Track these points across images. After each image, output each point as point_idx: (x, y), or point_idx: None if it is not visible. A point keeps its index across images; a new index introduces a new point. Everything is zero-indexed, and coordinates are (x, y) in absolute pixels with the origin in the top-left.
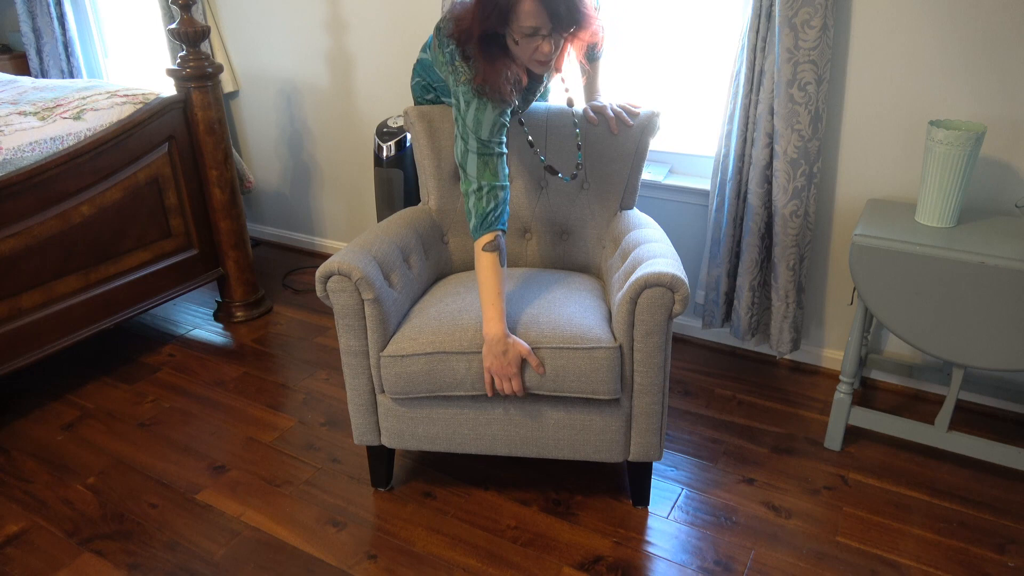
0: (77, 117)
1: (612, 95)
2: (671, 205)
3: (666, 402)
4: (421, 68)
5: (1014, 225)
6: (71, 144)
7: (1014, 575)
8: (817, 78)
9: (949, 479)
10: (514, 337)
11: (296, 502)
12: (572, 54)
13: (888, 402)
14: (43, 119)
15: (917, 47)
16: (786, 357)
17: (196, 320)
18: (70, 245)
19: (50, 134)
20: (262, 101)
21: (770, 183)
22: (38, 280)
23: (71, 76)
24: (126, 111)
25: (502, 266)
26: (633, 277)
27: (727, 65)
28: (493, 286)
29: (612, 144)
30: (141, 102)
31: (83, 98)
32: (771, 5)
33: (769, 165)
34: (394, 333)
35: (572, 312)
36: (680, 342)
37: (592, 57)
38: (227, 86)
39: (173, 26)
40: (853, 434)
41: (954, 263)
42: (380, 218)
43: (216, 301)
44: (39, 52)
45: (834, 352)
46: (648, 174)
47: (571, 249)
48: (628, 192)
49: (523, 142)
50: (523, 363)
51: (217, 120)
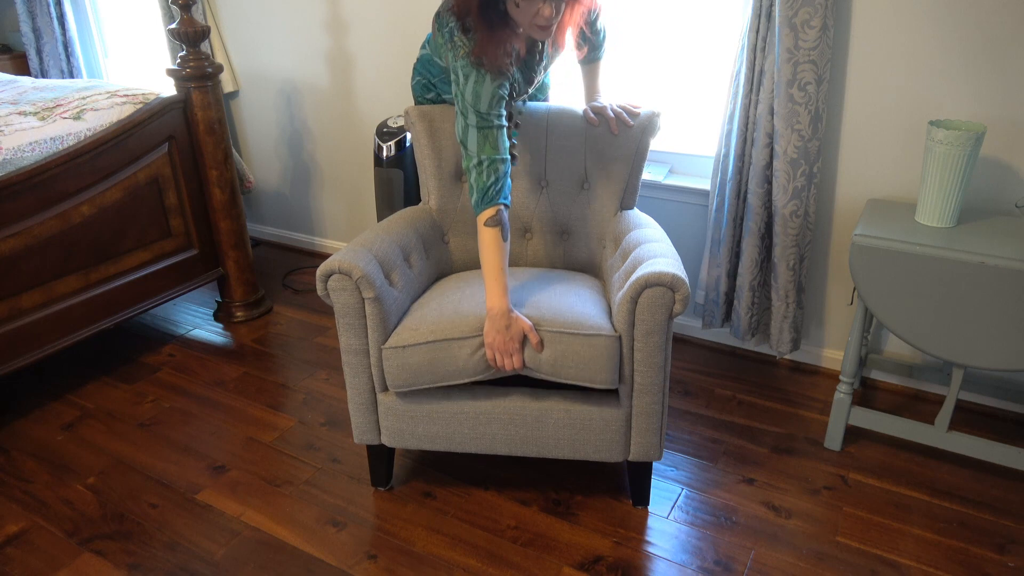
0: (77, 117)
1: (612, 96)
2: (671, 205)
3: (666, 402)
4: (421, 66)
5: (1014, 225)
6: (71, 144)
7: (1014, 575)
8: (817, 78)
9: (949, 479)
10: (517, 312)
11: (296, 502)
12: (570, 51)
13: (888, 402)
14: (43, 119)
15: (917, 47)
16: (786, 357)
17: (196, 320)
18: (70, 245)
19: (50, 134)
20: (262, 101)
21: (770, 183)
22: (38, 280)
23: (71, 76)
24: (126, 111)
25: (504, 241)
26: (633, 277)
27: (727, 65)
28: (496, 261)
29: (612, 144)
30: (141, 102)
31: (83, 98)
32: (771, 5)
33: (769, 165)
34: (394, 329)
35: (573, 302)
36: (680, 342)
37: (594, 57)
38: (227, 86)
39: (173, 26)
40: (853, 434)
41: (954, 263)
42: (380, 218)
43: (216, 301)
44: (39, 52)
45: (834, 352)
46: (648, 174)
47: (571, 249)
48: (628, 192)
49: (526, 142)
50: (524, 340)
51: (217, 120)
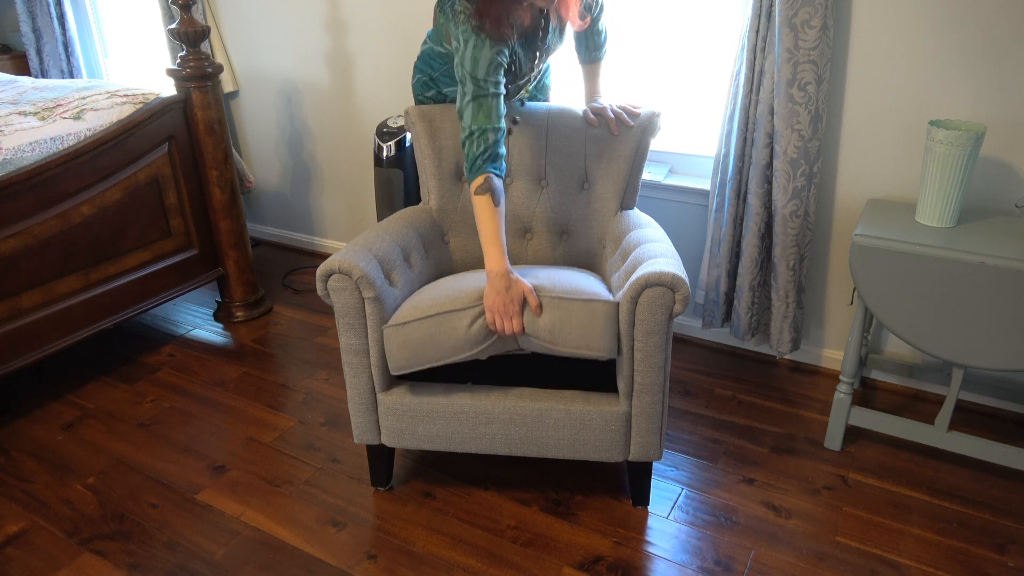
0: (77, 117)
1: (612, 96)
2: (671, 205)
3: (666, 402)
4: (422, 62)
5: (1014, 225)
6: (71, 144)
7: (1014, 575)
8: (817, 78)
9: (949, 479)
10: (517, 275)
11: (296, 502)
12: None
13: (888, 402)
14: (43, 119)
15: (917, 47)
16: (786, 357)
17: (196, 320)
18: (70, 245)
19: (50, 134)
20: (262, 101)
21: (770, 183)
22: (38, 280)
23: (71, 76)
24: (126, 111)
25: (497, 206)
26: (633, 277)
27: (727, 65)
28: (491, 225)
29: (612, 144)
30: (141, 102)
31: (83, 98)
32: (771, 5)
33: (769, 165)
34: (394, 313)
35: (572, 276)
36: (680, 342)
37: (595, 58)
38: (227, 86)
39: (173, 26)
40: (853, 434)
41: (954, 263)
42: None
43: (216, 301)
44: (39, 52)
45: (834, 352)
46: (648, 174)
47: (571, 249)
48: (628, 192)
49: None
50: (524, 304)
51: (217, 120)
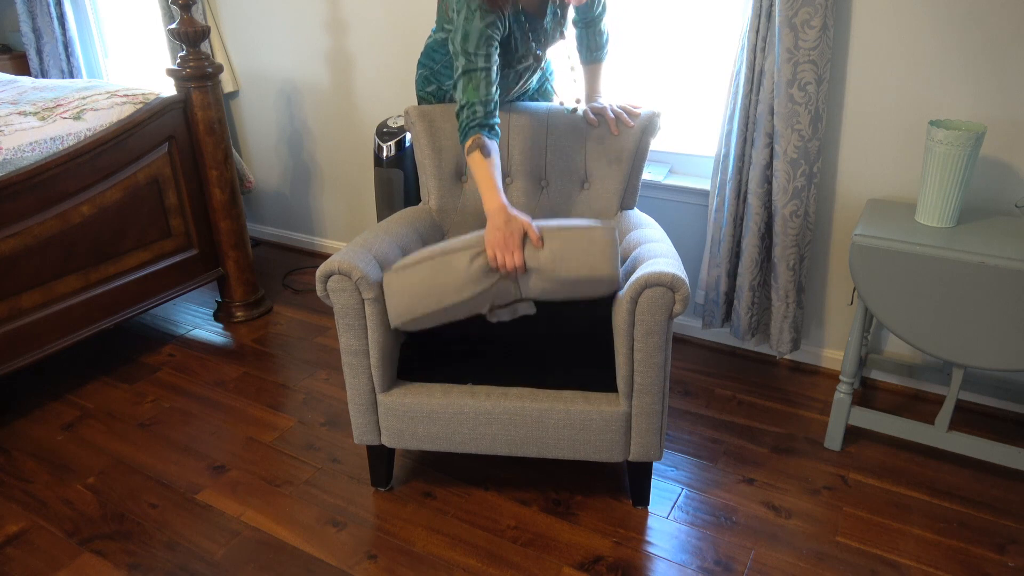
0: (77, 117)
1: (612, 96)
2: (671, 205)
3: (666, 402)
4: (425, 56)
5: (1014, 225)
6: (71, 144)
7: (1014, 575)
8: (817, 78)
9: (949, 479)
10: (516, 211)
11: (296, 502)
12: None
13: (888, 402)
14: (43, 119)
15: (917, 47)
16: (786, 357)
17: (196, 320)
18: (70, 245)
19: (50, 134)
20: (262, 101)
21: (770, 183)
22: (38, 280)
23: (71, 76)
24: (126, 111)
25: (487, 157)
26: (633, 277)
27: (727, 65)
28: (486, 172)
29: (612, 144)
30: (141, 102)
31: (83, 98)
32: (771, 5)
33: (769, 165)
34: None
35: (572, 219)
36: (680, 342)
37: (596, 59)
38: (227, 86)
39: (173, 26)
40: (853, 434)
41: (954, 263)
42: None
43: (216, 301)
44: (39, 52)
45: (834, 352)
46: (648, 174)
47: None
48: (628, 192)
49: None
50: (524, 239)
51: (217, 120)
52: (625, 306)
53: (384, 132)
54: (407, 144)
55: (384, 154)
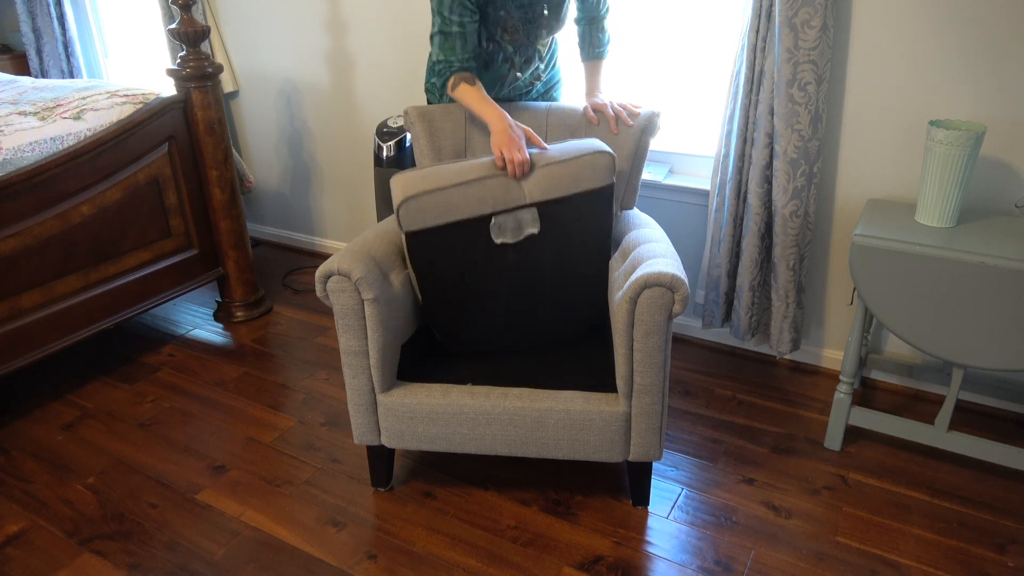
0: (77, 117)
1: (612, 95)
2: (671, 205)
3: (666, 402)
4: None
5: (1014, 225)
6: (71, 144)
7: (1014, 575)
8: (817, 78)
9: (949, 479)
10: (518, 123)
11: (296, 502)
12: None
13: (888, 402)
14: (43, 119)
15: (917, 47)
16: (786, 357)
17: (196, 320)
18: (70, 245)
19: (50, 134)
20: (262, 101)
21: (770, 183)
22: (38, 280)
23: (71, 76)
24: (126, 111)
25: (473, 84)
26: (633, 277)
27: (727, 65)
28: (478, 95)
29: (612, 144)
30: (141, 102)
31: (83, 98)
32: (771, 5)
33: (769, 165)
34: None
35: None
36: (680, 342)
37: (597, 55)
38: (227, 86)
39: (173, 26)
40: (853, 434)
41: (954, 263)
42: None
43: (216, 301)
44: (39, 52)
45: (834, 352)
46: (648, 174)
47: None
48: (628, 192)
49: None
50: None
51: (217, 120)
52: (624, 306)
53: (384, 132)
54: (407, 144)
55: (384, 154)
